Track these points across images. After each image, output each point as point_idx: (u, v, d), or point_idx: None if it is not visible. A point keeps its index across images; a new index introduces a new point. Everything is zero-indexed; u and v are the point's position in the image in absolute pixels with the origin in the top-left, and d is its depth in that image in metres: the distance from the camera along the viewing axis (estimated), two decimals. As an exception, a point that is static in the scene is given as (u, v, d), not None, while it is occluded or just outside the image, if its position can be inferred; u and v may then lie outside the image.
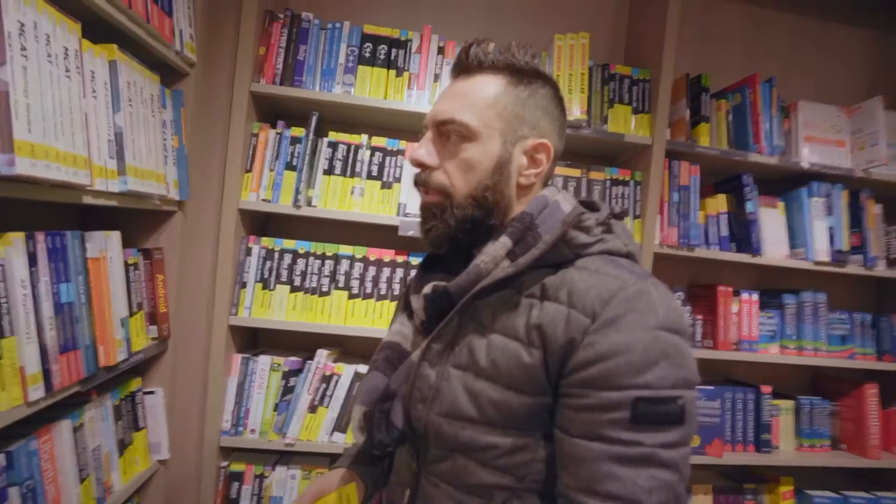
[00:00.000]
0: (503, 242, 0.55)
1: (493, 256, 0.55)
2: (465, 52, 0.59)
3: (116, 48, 0.87)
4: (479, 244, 0.58)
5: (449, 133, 0.57)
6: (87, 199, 0.79)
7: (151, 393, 1.09)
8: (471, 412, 0.53)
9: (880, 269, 1.50)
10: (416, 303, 0.60)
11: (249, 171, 1.25)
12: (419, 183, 0.60)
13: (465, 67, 0.59)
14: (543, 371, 0.51)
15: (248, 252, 1.25)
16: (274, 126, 1.29)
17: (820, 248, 1.45)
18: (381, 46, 1.30)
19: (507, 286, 0.56)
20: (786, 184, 1.57)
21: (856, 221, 1.51)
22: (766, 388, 1.46)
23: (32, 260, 0.70)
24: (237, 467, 1.24)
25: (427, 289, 0.58)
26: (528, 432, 0.52)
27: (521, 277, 0.55)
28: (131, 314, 0.96)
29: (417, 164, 0.59)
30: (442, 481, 0.56)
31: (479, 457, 0.53)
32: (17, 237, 0.68)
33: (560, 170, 1.36)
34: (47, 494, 0.76)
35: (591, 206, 0.61)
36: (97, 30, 0.88)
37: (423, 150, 0.59)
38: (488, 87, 0.57)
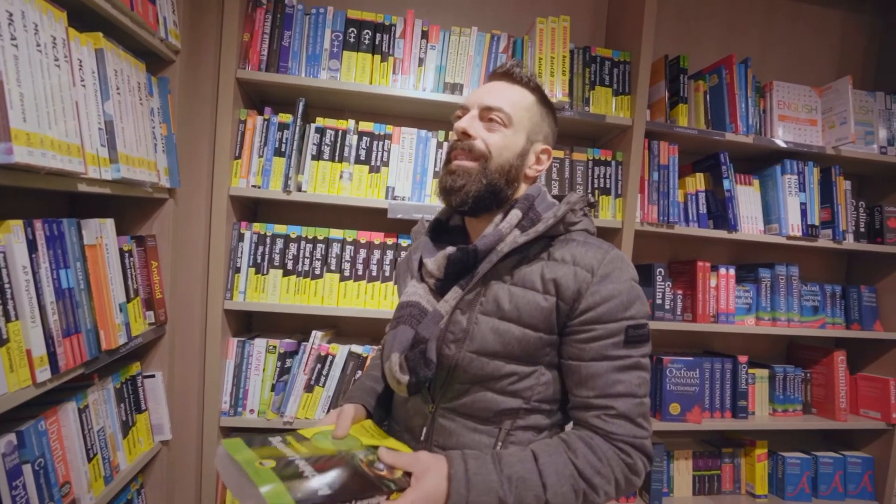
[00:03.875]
0: (516, 213, 0.72)
1: (510, 223, 0.71)
2: (513, 67, 0.76)
3: (102, 36, 0.87)
4: (485, 213, 0.74)
5: (492, 117, 0.72)
6: (82, 187, 0.81)
7: (151, 377, 1.12)
8: (496, 347, 0.67)
9: (849, 243, 1.57)
10: (434, 264, 0.72)
11: (238, 157, 1.26)
12: (458, 148, 0.73)
13: (509, 77, 0.76)
14: (555, 313, 0.67)
15: (241, 238, 1.27)
16: (261, 113, 1.30)
17: (793, 224, 1.52)
18: (366, 31, 1.31)
19: (516, 253, 0.70)
20: (761, 162, 1.63)
21: (826, 197, 1.58)
22: (743, 358, 1.54)
23: (32, 247, 0.72)
24: (237, 447, 1.28)
25: (450, 249, 0.71)
26: (535, 362, 0.69)
27: (529, 246, 0.71)
28: (129, 300, 0.99)
29: (464, 133, 0.73)
30: (459, 416, 0.70)
31: (497, 385, 0.68)
32: (17, 224, 0.70)
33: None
34: (58, 472, 0.79)
35: (558, 199, 0.79)
36: (82, 18, 0.88)
37: (470, 122, 0.73)
38: (527, 97, 0.75)
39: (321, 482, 0.52)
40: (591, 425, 0.65)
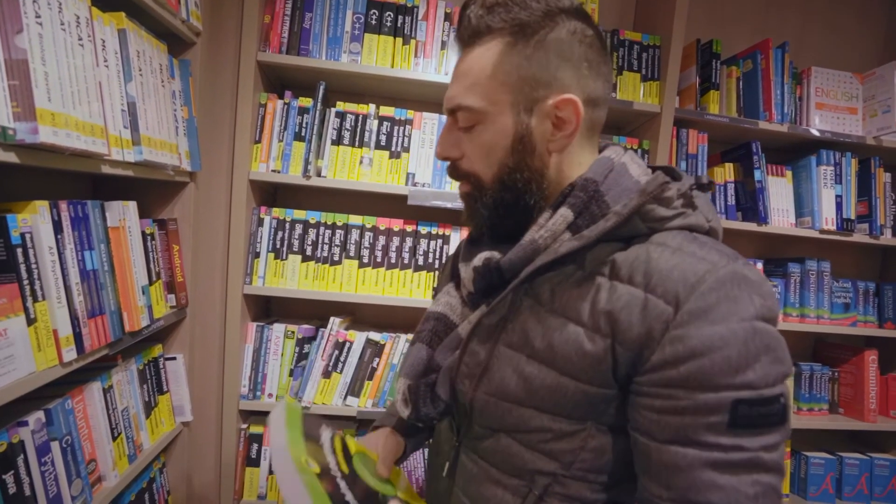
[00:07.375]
0: (563, 214, 0.49)
1: (553, 231, 0.49)
2: (460, 22, 0.52)
3: (125, 16, 0.87)
4: (528, 222, 0.53)
5: (458, 119, 0.53)
6: (106, 169, 0.81)
7: (173, 359, 1.13)
8: (520, 394, 0.49)
9: (887, 238, 1.50)
10: (465, 273, 0.56)
11: (259, 141, 1.26)
12: (451, 176, 0.57)
13: (463, 40, 0.53)
14: (610, 362, 0.45)
15: (260, 222, 1.27)
16: (281, 96, 1.29)
17: (827, 217, 1.46)
18: (388, 13, 1.28)
19: (568, 261, 0.50)
20: (794, 152, 1.56)
21: (864, 190, 1.50)
22: (768, 355, 1.49)
23: (58, 228, 0.73)
24: (256, 429, 1.30)
25: (478, 260, 0.53)
26: (580, 420, 0.48)
27: (585, 251, 0.49)
28: (151, 282, 0.99)
29: (443, 158, 0.56)
30: (482, 459, 0.54)
31: (526, 439, 0.50)
32: (42, 205, 0.70)
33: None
34: (84, 450, 0.80)
35: (669, 174, 0.53)
36: (105, -3, 0.88)
37: (442, 142, 0.55)
38: (486, 56, 0.50)
39: None
40: None
